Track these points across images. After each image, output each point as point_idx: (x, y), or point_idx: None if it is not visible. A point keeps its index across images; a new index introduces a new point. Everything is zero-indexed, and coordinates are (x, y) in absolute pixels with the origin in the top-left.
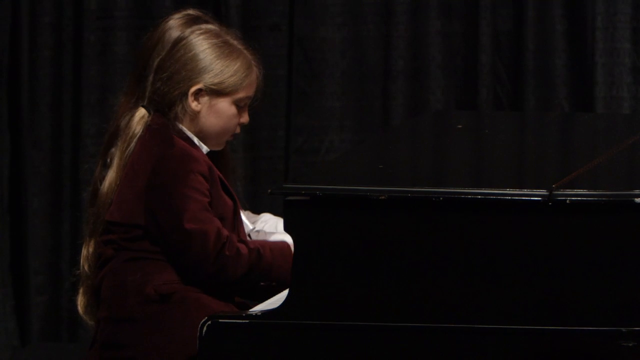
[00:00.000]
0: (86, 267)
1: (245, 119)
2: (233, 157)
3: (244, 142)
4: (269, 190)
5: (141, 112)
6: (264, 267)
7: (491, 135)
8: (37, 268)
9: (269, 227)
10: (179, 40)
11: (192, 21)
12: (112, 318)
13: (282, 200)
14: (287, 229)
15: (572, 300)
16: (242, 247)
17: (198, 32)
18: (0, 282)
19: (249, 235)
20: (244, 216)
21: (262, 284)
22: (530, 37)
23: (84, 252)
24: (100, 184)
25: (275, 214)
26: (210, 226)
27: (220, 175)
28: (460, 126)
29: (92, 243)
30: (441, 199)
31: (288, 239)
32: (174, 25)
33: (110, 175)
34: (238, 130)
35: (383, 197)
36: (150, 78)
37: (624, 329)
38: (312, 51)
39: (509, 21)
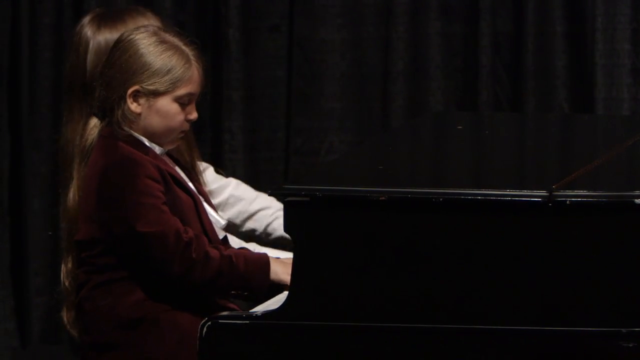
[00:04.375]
0: (67, 284)
1: (192, 115)
2: (193, 152)
3: (243, 144)
4: (269, 192)
5: (93, 121)
6: (235, 275)
7: (491, 137)
8: (37, 269)
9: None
10: (115, 43)
11: (99, 18)
12: (93, 344)
13: (282, 201)
14: (287, 229)
15: (572, 300)
16: (213, 251)
17: (134, 33)
18: (0, 283)
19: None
20: (213, 212)
21: (232, 292)
22: (530, 38)
23: (63, 268)
24: (66, 199)
25: None
26: (167, 226)
27: (175, 173)
28: (460, 127)
29: (69, 259)
30: (441, 199)
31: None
32: (85, 23)
33: (73, 189)
34: (186, 127)
35: (383, 198)
36: (95, 85)
37: (623, 330)
38: (312, 52)
39: (509, 22)
